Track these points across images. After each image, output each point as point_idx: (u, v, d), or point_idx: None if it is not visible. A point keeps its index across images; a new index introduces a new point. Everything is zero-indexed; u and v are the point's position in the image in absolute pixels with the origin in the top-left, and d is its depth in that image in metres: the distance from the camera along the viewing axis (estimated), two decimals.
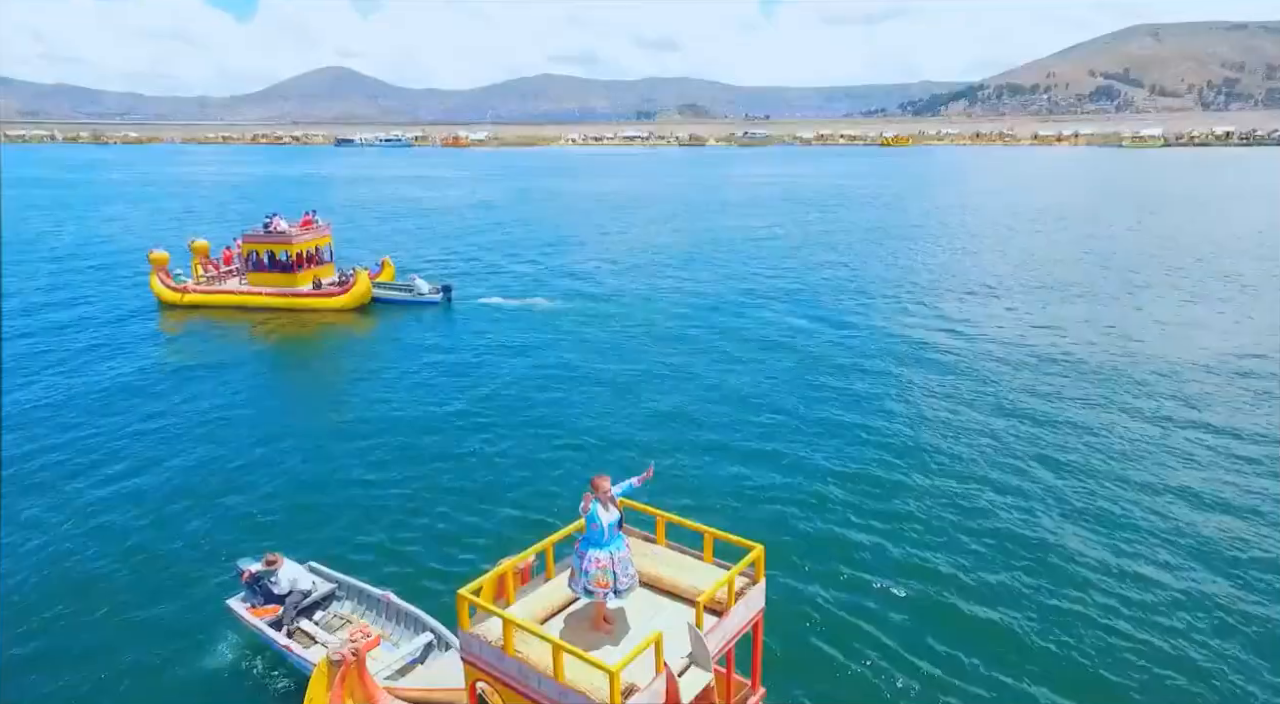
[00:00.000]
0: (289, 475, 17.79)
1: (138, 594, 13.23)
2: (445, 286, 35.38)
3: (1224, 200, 75.87)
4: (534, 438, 19.74)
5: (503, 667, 7.09)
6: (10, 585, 13.54)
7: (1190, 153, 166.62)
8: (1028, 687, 10.77)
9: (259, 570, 12.23)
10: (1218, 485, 16.65)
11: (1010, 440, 19.19)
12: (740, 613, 7.70)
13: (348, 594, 12.63)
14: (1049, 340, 27.81)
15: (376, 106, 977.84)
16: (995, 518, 15.43)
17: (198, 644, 11.98)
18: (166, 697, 10.96)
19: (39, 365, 26.05)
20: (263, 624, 11.58)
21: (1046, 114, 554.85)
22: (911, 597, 12.80)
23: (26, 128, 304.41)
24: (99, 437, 19.98)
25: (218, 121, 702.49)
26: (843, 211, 70.98)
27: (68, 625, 12.46)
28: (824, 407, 21.66)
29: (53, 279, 40.55)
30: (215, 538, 15.02)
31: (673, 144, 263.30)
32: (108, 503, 16.43)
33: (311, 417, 21.98)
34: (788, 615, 12.00)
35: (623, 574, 7.34)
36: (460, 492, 16.81)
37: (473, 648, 7.36)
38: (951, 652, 11.43)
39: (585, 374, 24.91)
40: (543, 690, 6.78)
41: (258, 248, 34.79)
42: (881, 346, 27.53)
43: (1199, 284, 37.05)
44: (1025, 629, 12.02)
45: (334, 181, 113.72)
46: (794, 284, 38.43)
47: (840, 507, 15.91)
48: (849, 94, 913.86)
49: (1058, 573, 13.50)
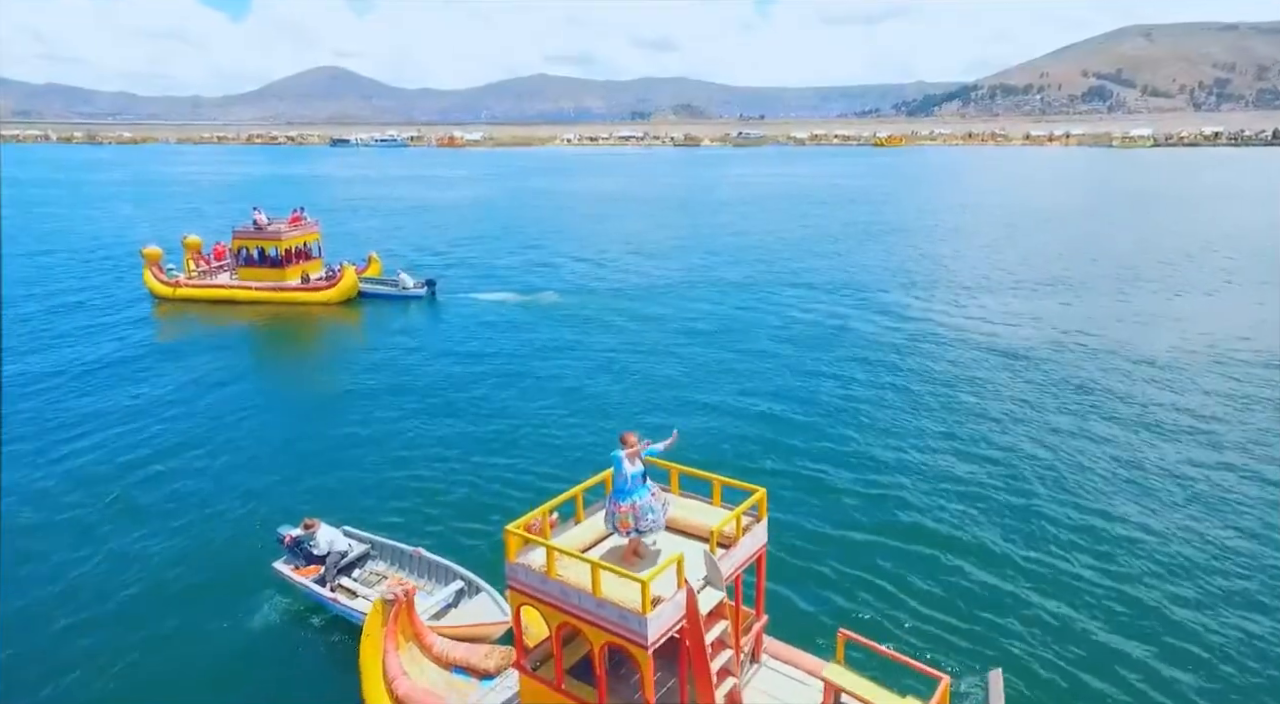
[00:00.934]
0: (300, 453, 19.17)
1: (188, 565, 14.36)
2: (429, 281, 36.53)
3: (1207, 200, 77.37)
4: (521, 413, 21.47)
5: (546, 589, 8.27)
6: (63, 565, 14.63)
7: (1179, 153, 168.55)
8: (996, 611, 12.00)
9: (299, 535, 13.38)
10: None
11: (973, 407, 20.47)
12: (747, 545, 8.90)
13: (381, 553, 13.79)
14: (1023, 329, 29.14)
15: (371, 106, 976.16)
16: (977, 476, 16.69)
17: (249, 604, 13.11)
18: (226, 651, 12.07)
19: (40, 353, 27.48)
20: (309, 582, 12.74)
21: (1040, 114, 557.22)
22: (898, 540, 14.07)
23: (20, 128, 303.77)
24: (99, 420, 21.24)
25: (212, 121, 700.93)
26: (828, 209, 72.31)
27: (127, 595, 13.58)
28: (805, 378, 22.94)
29: (52, 273, 41.99)
30: (247, 510, 16.22)
31: (668, 144, 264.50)
32: (133, 484, 17.62)
33: (306, 398, 23.73)
34: (784, 552, 13.32)
35: (643, 519, 8.51)
36: (464, 459, 18.46)
37: (518, 576, 8.53)
38: (934, 588, 12.67)
39: (569, 355, 26.96)
40: (582, 605, 7.96)
41: (248, 244, 36.09)
42: (866, 330, 28.88)
43: (1202, 277, 38.44)
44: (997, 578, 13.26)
45: (329, 181, 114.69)
46: (774, 273, 39.75)
47: (824, 456, 17.20)
48: (844, 94, 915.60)
49: (1034, 532, 14.74)
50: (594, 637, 8.01)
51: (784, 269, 42.47)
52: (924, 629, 12.00)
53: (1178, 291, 35.78)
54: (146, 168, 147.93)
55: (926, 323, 30.67)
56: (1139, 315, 31.52)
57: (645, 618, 7.47)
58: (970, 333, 29.08)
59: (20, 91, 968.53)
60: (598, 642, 7.99)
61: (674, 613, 7.83)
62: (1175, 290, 36.02)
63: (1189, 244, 48.69)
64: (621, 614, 7.65)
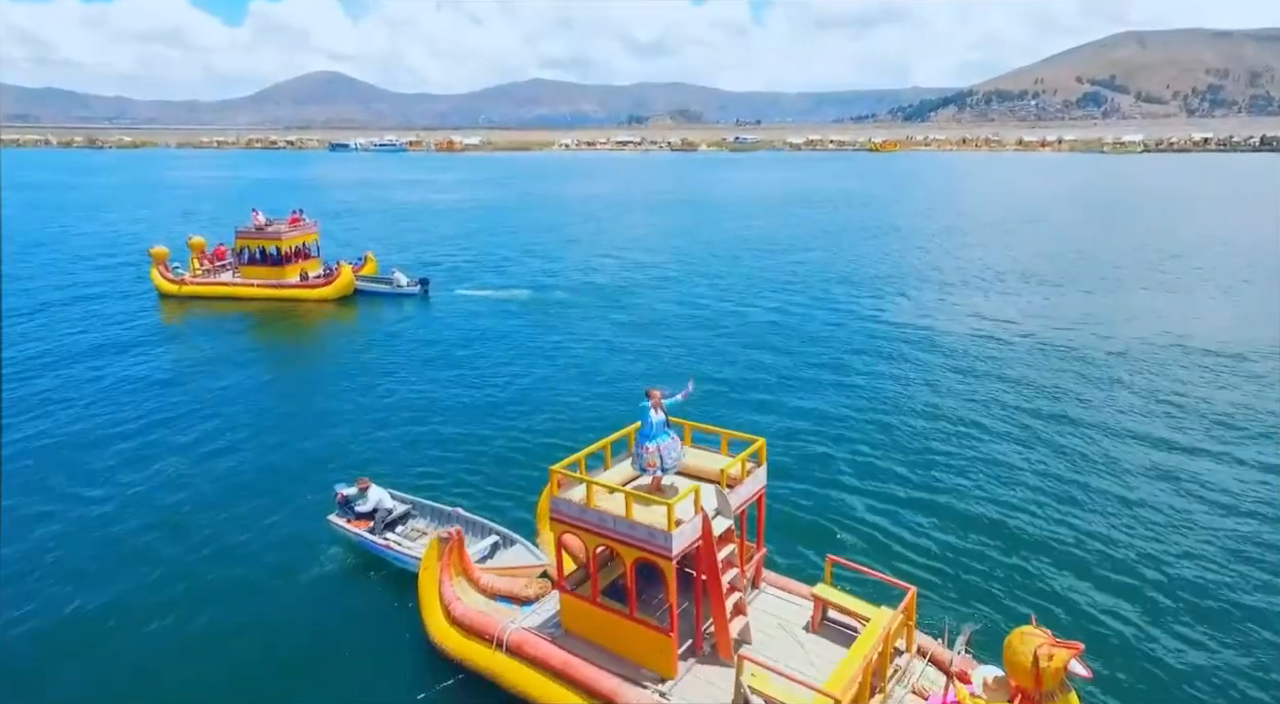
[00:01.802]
0: (321, 431, 20.85)
1: (250, 524, 16.01)
2: (423, 279, 38.32)
3: (1186, 203, 79.49)
4: (521, 390, 23.87)
5: (585, 518, 10.05)
6: (138, 528, 16.38)
7: (1168, 158, 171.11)
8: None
9: (351, 493, 15.15)
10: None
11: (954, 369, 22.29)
12: (749, 485, 10.71)
13: (421, 512, 15.54)
14: (989, 318, 31.03)
15: (368, 111, 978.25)
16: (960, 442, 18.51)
17: (308, 553, 14.80)
18: (291, 592, 13.75)
19: (56, 347, 29.14)
20: (363, 532, 14.50)
21: (1035, 120, 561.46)
22: (886, 487, 15.88)
23: (20, 132, 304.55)
24: (126, 406, 22.93)
25: (209, 126, 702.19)
26: (823, 212, 74.21)
27: (197, 545, 15.28)
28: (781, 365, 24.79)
29: (64, 272, 43.85)
30: (291, 475, 17.94)
31: (665, 149, 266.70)
32: (182, 454, 19.37)
33: (311, 382, 25.91)
34: (780, 503, 15.13)
35: (666, 457, 10.32)
36: (481, 434, 20.18)
37: (562, 508, 10.32)
38: (925, 531, 14.47)
39: (558, 341, 29.52)
40: (617, 528, 9.74)
41: (250, 243, 38.02)
42: (851, 320, 30.73)
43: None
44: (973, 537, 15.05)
45: (329, 185, 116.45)
46: (761, 272, 41.61)
47: (815, 419, 19.00)
48: (839, 100, 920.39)
49: (1002, 475, 16.57)
50: (626, 554, 9.80)
51: (783, 266, 44.30)
52: (902, 560, 13.81)
53: (1145, 287, 37.69)
54: (149, 172, 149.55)
55: (910, 313, 32.54)
56: (1097, 308, 33.39)
57: (671, 534, 9.27)
58: (942, 318, 30.98)
59: (16, 95, 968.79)
60: (629, 558, 9.79)
61: (692, 532, 9.63)
62: (1142, 286, 37.94)
63: (1161, 245, 50.65)
64: (650, 532, 9.45)
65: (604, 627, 10.42)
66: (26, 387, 24.43)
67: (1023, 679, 8.20)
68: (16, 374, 25.79)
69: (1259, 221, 63.71)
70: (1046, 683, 8.13)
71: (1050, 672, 8.09)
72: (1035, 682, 8.13)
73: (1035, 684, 8.15)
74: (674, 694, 9.68)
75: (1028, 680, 8.16)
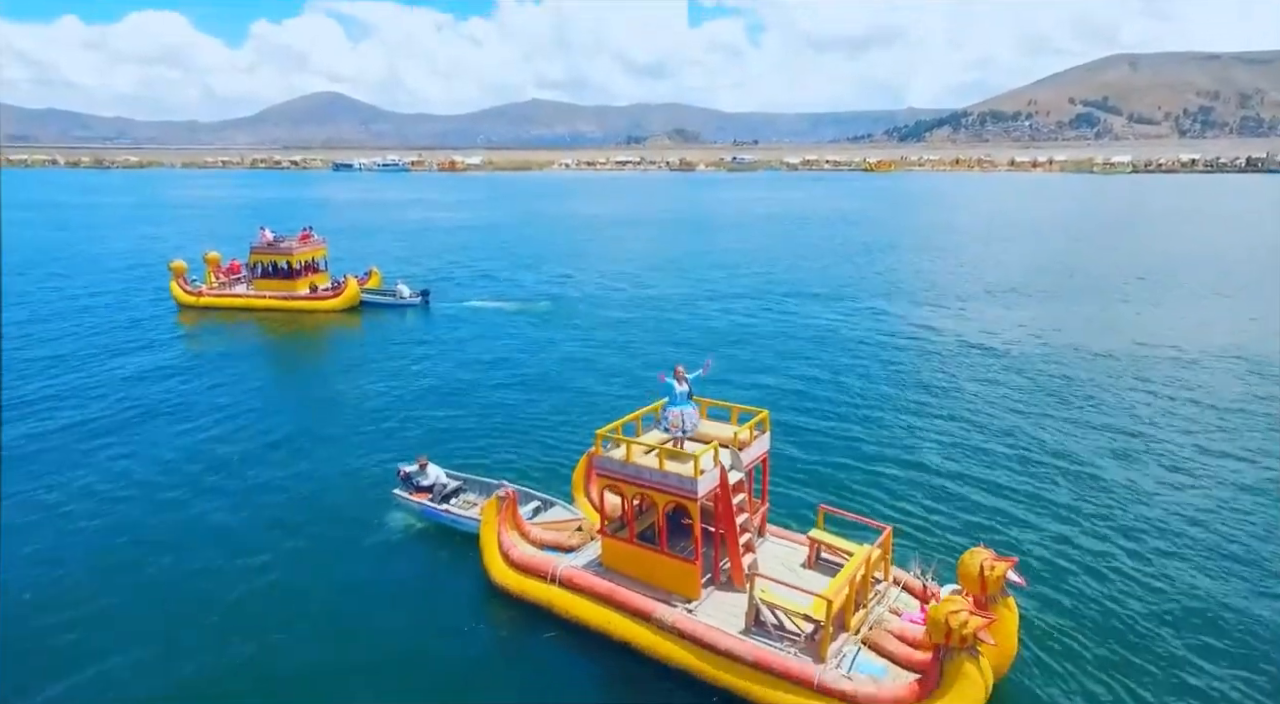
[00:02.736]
0: (354, 421, 23.41)
1: (322, 500, 18.45)
2: (424, 291, 41.03)
3: (1165, 221, 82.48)
4: (530, 386, 26.79)
5: (625, 471, 12.51)
6: (209, 510, 18.77)
7: (1156, 178, 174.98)
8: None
9: (412, 470, 17.58)
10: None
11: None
12: (756, 448, 13.20)
13: (471, 487, 17.94)
14: (973, 324, 33.60)
15: (367, 131, 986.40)
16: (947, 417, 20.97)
17: (376, 522, 17.17)
18: (364, 555, 16.12)
19: (84, 351, 31.96)
20: (426, 502, 16.91)
21: (1029, 140, 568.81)
22: (872, 451, 18.35)
23: (29, 152, 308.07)
24: (168, 402, 25.56)
25: (209, 145, 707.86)
26: (820, 229, 77.05)
27: (275, 518, 17.68)
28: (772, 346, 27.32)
29: (89, 284, 46.88)
30: (343, 460, 20.37)
31: (664, 169, 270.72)
32: (244, 446, 21.82)
33: (325, 383, 28.57)
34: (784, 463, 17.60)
35: (688, 422, 12.81)
36: (500, 424, 22.73)
37: (605, 464, 12.77)
38: (880, 488, 16.91)
39: (550, 343, 32.85)
40: (651, 479, 12.20)
41: (263, 258, 40.87)
42: (836, 319, 33.30)
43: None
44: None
45: (334, 204, 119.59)
46: (754, 286, 44.25)
47: (807, 402, 21.45)
48: (836, 120, 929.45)
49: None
50: (660, 500, 12.25)
51: (782, 279, 46.93)
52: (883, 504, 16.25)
53: (1124, 299, 40.33)
54: (160, 192, 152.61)
55: (900, 322, 35.11)
56: (1043, 314, 35.99)
57: (696, 479, 11.75)
58: (931, 321, 33.56)
59: (16, 116, 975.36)
60: (662, 503, 12.24)
61: (712, 480, 12.10)
62: (1121, 298, 40.58)
63: (1138, 260, 53.39)
64: (680, 479, 11.92)
65: (639, 562, 12.84)
66: (83, 381, 27.00)
67: (972, 586, 10.65)
68: (72, 368, 28.97)
69: (1234, 237, 66.55)
70: (990, 588, 10.60)
71: (993, 580, 10.56)
72: (981, 588, 10.59)
73: (981, 590, 10.60)
74: (698, 611, 12.10)
75: (976, 587, 10.62)
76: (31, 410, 24.41)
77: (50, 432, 22.65)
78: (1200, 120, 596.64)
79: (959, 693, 9.78)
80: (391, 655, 12.57)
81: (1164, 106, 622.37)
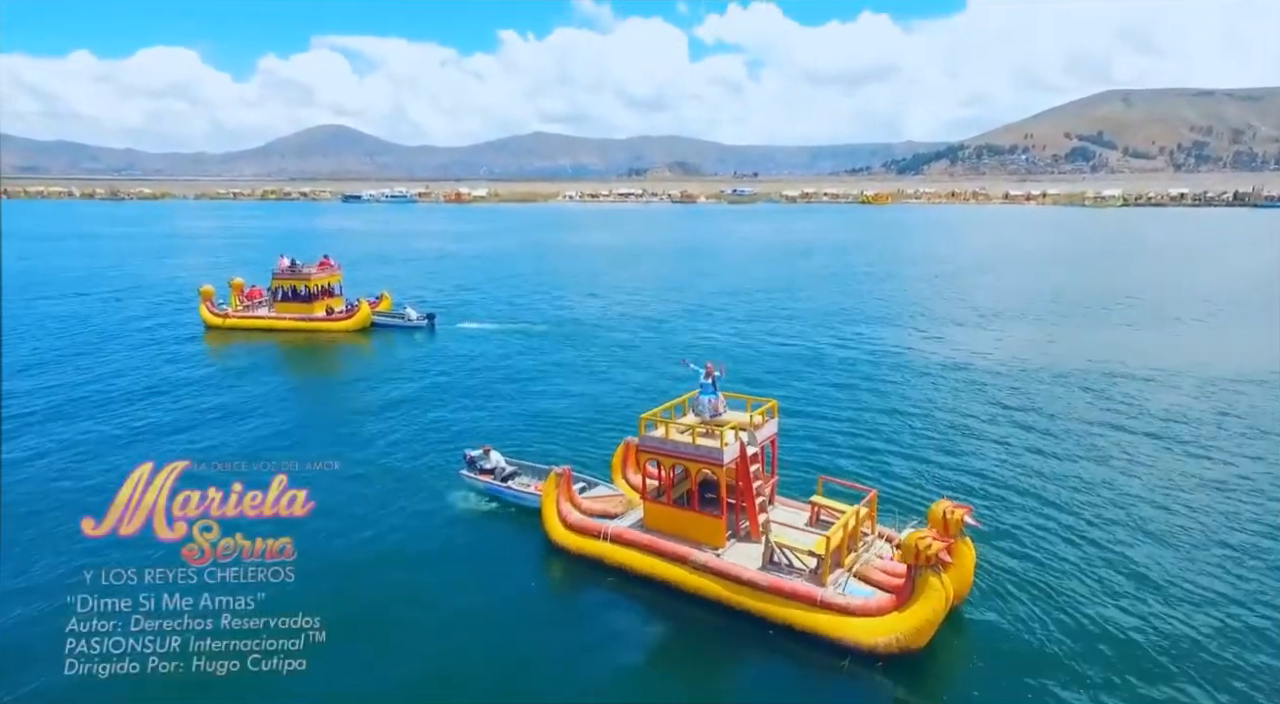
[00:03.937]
0: (389, 425, 26.66)
1: (396, 480, 21.67)
2: (430, 315, 44.68)
3: (1154, 251, 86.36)
4: (533, 393, 30.49)
5: (664, 446, 15.80)
6: None
7: (1145, 212, 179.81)
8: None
9: (477, 454, 20.85)
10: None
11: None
12: (766, 430, 16.51)
13: (525, 471, 21.14)
14: (948, 343, 36.95)
15: (372, 163, 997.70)
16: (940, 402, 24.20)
17: (447, 499, 20.37)
18: (437, 524, 19.30)
19: (122, 365, 35.78)
20: (491, 481, 20.15)
21: (1025, 173, 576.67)
22: (865, 432, 21.55)
23: (44, 184, 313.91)
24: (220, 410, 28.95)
25: (216, 176, 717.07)
26: (820, 259, 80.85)
27: (364, 496, 20.89)
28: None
29: (120, 308, 51.53)
30: (396, 454, 23.61)
31: (665, 201, 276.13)
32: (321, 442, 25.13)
33: (348, 395, 32.33)
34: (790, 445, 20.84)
35: (715, 408, 16.15)
36: (522, 420, 25.95)
37: (648, 442, 16.06)
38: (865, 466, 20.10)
39: (549, 363, 36.18)
40: (686, 451, 15.48)
41: (284, 283, 44.68)
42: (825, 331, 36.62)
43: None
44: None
45: (350, 234, 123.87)
46: (748, 308, 47.77)
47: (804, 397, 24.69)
48: (834, 153, 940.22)
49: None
50: (693, 468, 15.52)
51: (785, 305, 50.43)
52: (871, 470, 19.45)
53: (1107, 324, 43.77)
54: (179, 223, 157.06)
55: (889, 342, 38.52)
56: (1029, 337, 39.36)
57: (722, 449, 15.05)
58: (935, 346, 36.95)
59: (25, 147, 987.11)
60: (695, 471, 15.50)
61: (734, 451, 15.39)
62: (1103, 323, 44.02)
63: (1120, 288, 56.98)
64: (709, 450, 15.24)
65: (675, 520, 16.08)
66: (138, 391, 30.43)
67: (937, 527, 13.87)
68: (135, 378, 33.05)
69: (1212, 268, 70.26)
70: (951, 529, 13.82)
71: (953, 521, 13.79)
72: (944, 528, 13.81)
73: (944, 530, 13.82)
74: (724, 555, 15.31)
75: (940, 528, 13.83)
76: (99, 409, 28.45)
77: (117, 428, 26.24)
78: (1194, 155, 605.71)
79: (926, 599, 12.98)
80: (474, 604, 15.59)
81: (1158, 141, 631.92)
